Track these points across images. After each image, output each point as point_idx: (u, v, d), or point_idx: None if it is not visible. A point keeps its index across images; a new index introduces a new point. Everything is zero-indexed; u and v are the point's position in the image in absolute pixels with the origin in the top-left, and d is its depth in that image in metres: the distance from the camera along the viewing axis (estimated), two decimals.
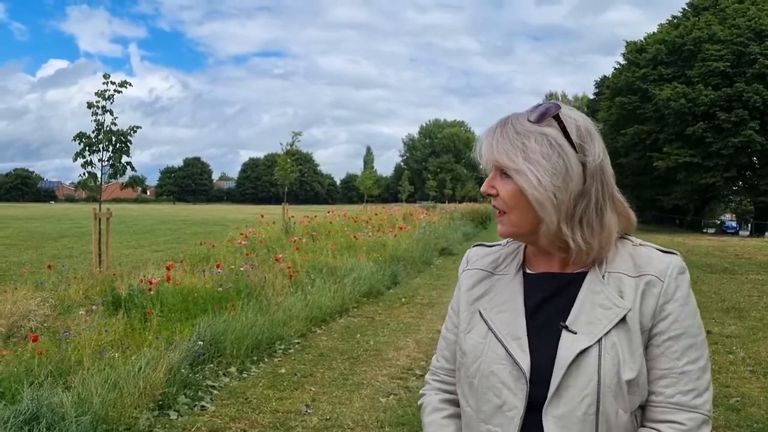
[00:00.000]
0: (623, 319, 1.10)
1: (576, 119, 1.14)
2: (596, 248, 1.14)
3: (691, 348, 1.12)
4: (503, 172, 1.14)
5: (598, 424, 1.07)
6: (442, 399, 1.31)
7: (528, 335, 1.14)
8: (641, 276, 1.13)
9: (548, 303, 1.17)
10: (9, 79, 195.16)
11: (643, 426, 1.13)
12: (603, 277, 1.15)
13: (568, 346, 1.09)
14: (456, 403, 1.28)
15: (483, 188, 1.17)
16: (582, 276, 1.17)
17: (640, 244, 1.19)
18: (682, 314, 1.12)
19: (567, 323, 1.12)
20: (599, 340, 1.09)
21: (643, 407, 1.13)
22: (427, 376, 1.38)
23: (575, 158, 1.11)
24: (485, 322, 1.20)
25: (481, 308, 1.22)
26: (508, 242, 1.31)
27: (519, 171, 1.11)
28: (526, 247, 1.26)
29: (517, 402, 1.11)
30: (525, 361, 1.12)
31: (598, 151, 1.13)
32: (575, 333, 1.10)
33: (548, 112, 1.13)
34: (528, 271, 1.23)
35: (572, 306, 1.14)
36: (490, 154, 1.15)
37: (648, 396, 1.12)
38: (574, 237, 1.13)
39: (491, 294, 1.24)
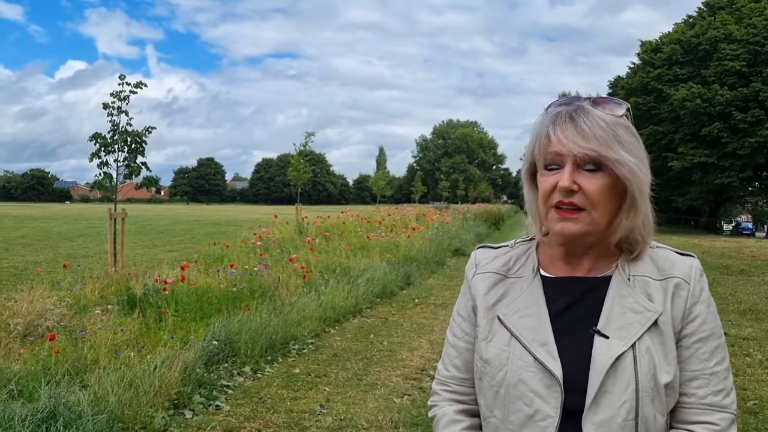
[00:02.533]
0: (655, 323, 1.09)
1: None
2: (641, 245, 1.15)
3: (718, 349, 1.12)
4: (586, 167, 1.08)
5: (638, 429, 1.05)
6: (458, 410, 1.25)
7: (555, 341, 1.11)
8: (667, 279, 1.13)
9: (573, 307, 1.14)
10: (28, 80, 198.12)
11: (674, 428, 1.11)
12: (629, 280, 1.13)
13: (604, 352, 1.07)
14: (472, 414, 1.23)
15: (565, 183, 1.07)
16: (606, 280, 1.14)
17: (656, 247, 1.18)
18: (708, 316, 1.13)
19: (598, 328, 1.09)
20: (633, 345, 1.07)
21: (672, 409, 1.11)
22: (435, 386, 1.31)
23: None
24: (507, 328, 1.15)
25: (500, 314, 1.17)
26: (516, 243, 1.27)
27: (623, 163, 1.07)
28: (538, 248, 1.22)
29: (550, 410, 1.07)
30: (557, 367, 1.08)
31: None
32: (608, 338, 1.08)
33: (623, 104, 1.12)
34: (545, 274, 1.19)
35: (600, 310, 1.11)
36: (581, 144, 1.06)
37: (679, 398, 1.11)
38: (641, 231, 1.14)
39: (508, 298, 1.19)
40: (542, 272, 1.20)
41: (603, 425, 1.05)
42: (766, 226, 42.89)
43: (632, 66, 44.35)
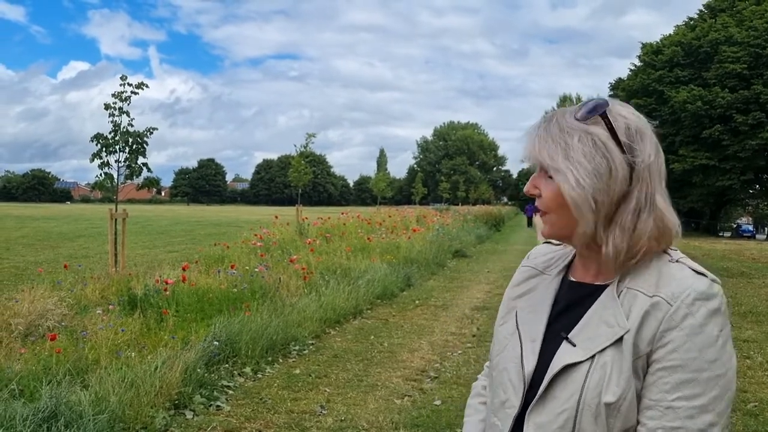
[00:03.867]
0: (620, 340, 1.04)
1: (626, 117, 1.08)
2: (623, 255, 1.07)
3: (689, 383, 0.99)
4: (547, 172, 1.10)
5: None
6: (485, 385, 1.35)
7: (543, 340, 1.14)
8: (654, 296, 1.04)
9: (569, 311, 1.15)
10: (31, 81, 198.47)
11: None
12: (620, 293, 1.09)
13: (559, 356, 1.08)
14: None
15: (526, 188, 1.14)
16: (603, 289, 1.13)
17: (677, 261, 1.10)
18: (685, 345, 1.00)
19: (570, 335, 1.10)
20: (592, 357, 1.04)
21: None
22: (486, 364, 1.41)
23: (621, 159, 1.05)
24: (516, 320, 1.22)
25: (518, 306, 1.24)
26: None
27: (558, 170, 1.06)
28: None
29: (515, 401, 1.12)
30: (530, 364, 1.13)
31: (648, 151, 1.07)
32: (574, 345, 1.08)
33: (595, 109, 1.06)
34: (570, 277, 1.21)
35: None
36: (533, 152, 1.11)
37: (637, 426, 1.03)
38: (608, 242, 1.07)
39: (530, 294, 1.24)
40: (569, 275, 1.22)
41: (541, 427, 1.06)
42: (766, 229, 42.86)
43: (633, 68, 44.36)
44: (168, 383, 4.30)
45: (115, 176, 8.49)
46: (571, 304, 1.16)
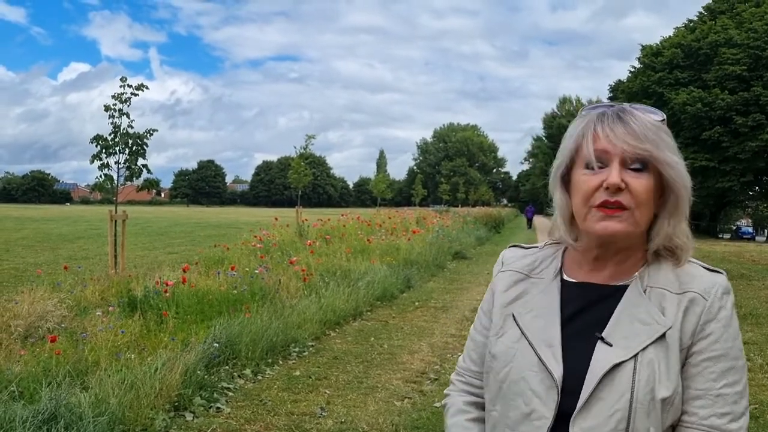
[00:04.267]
0: (662, 336, 1.07)
1: None
2: (690, 247, 1.15)
3: (730, 371, 1.08)
4: (632, 166, 1.08)
5: None
6: (467, 401, 1.29)
7: (562, 344, 1.12)
8: (684, 293, 1.10)
9: (585, 313, 1.14)
10: (31, 82, 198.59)
11: None
12: (645, 291, 1.11)
13: (602, 358, 1.07)
14: (481, 407, 1.26)
15: (616, 179, 1.06)
16: (622, 289, 1.14)
17: (686, 261, 1.16)
18: (723, 335, 1.08)
19: (603, 335, 1.09)
20: (635, 355, 1.06)
21: (673, 427, 1.09)
22: (452, 376, 1.36)
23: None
24: (518, 326, 1.17)
25: (515, 312, 1.19)
26: (545, 245, 1.27)
27: (671, 164, 1.08)
28: (564, 252, 1.23)
29: (546, 411, 1.08)
30: (558, 370, 1.09)
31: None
32: (611, 345, 1.08)
33: (660, 112, 1.13)
34: (566, 278, 1.20)
35: (610, 318, 1.11)
36: (632, 143, 1.07)
37: (681, 416, 1.08)
38: (686, 235, 1.13)
39: (526, 298, 1.21)
40: (564, 276, 1.20)
41: (590, 431, 1.05)
42: (765, 231, 42.87)
43: (633, 70, 44.37)
44: (168, 385, 4.30)
45: (115, 178, 8.49)
46: (587, 307, 1.14)
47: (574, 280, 1.19)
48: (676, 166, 1.09)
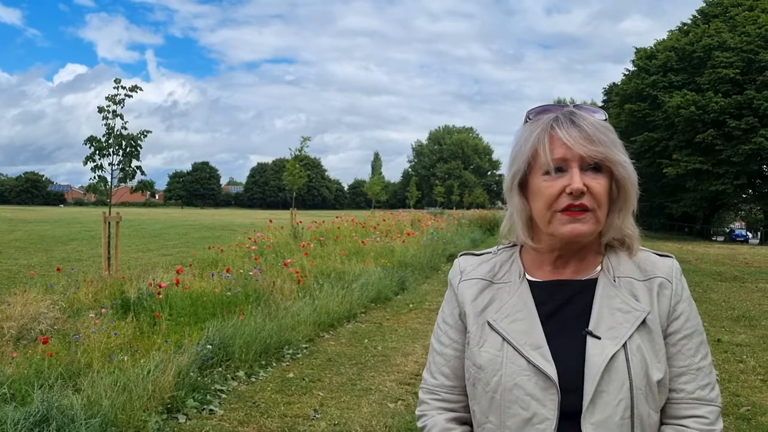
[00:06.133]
0: (643, 322, 1.12)
1: None
2: (637, 235, 1.20)
3: (702, 345, 1.17)
4: (591, 168, 1.11)
5: (634, 427, 1.08)
6: (449, 418, 1.24)
7: (547, 343, 1.12)
8: (651, 279, 1.17)
9: (562, 310, 1.15)
10: (28, 84, 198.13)
11: (666, 423, 1.14)
12: (614, 281, 1.16)
13: (598, 352, 1.09)
14: (463, 422, 1.24)
15: (579, 185, 1.08)
16: (592, 282, 1.17)
17: (638, 248, 1.22)
18: (691, 313, 1.17)
19: (589, 329, 1.12)
20: (624, 344, 1.09)
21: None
22: (422, 395, 1.30)
23: None
24: (498, 333, 1.16)
25: (490, 319, 1.18)
26: (498, 250, 1.28)
27: (622, 164, 1.13)
28: (521, 253, 1.24)
29: (548, 413, 1.08)
30: (552, 370, 1.09)
31: None
32: (599, 338, 1.10)
33: (602, 111, 1.17)
34: (531, 278, 1.21)
35: (589, 312, 1.13)
36: (589, 147, 1.09)
37: (669, 393, 1.14)
38: (631, 226, 1.19)
39: (497, 303, 1.19)
40: (528, 277, 1.21)
41: (601, 425, 1.07)
42: (759, 233, 43.02)
43: (627, 73, 44.55)
44: (161, 387, 4.29)
45: (109, 179, 8.47)
46: (563, 304, 1.16)
47: (540, 280, 1.20)
48: (626, 166, 1.14)
